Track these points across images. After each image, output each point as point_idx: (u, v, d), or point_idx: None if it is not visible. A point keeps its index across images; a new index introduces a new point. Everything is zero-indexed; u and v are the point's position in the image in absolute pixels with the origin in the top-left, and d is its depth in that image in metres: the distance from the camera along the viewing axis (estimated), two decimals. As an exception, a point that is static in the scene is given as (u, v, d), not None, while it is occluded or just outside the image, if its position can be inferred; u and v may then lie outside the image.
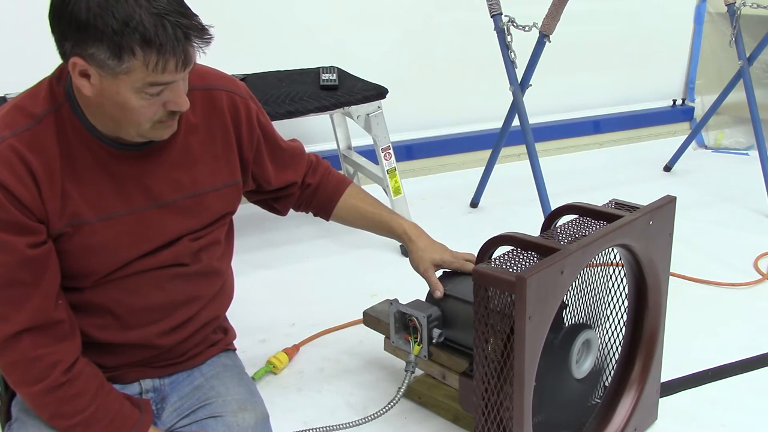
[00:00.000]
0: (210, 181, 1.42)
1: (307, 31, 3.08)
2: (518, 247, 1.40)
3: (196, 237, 1.43)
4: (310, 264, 2.53)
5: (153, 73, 1.17)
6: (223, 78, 1.46)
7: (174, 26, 1.15)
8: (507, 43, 2.54)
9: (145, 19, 1.13)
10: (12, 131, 1.23)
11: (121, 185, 1.32)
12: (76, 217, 1.29)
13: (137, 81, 1.17)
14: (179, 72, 1.19)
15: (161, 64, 1.16)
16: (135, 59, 1.14)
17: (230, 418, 1.42)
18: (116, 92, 1.19)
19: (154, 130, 1.27)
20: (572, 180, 3.33)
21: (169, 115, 1.26)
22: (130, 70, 1.16)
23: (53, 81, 1.29)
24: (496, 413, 1.37)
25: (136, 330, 1.41)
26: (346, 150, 2.94)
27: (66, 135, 1.27)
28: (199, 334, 1.52)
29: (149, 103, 1.21)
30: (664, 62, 3.98)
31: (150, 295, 1.40)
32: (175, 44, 1.15)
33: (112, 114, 1.23)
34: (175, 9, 1.16)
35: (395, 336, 1.73)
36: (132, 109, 1.21)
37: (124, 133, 1.27)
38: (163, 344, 1.45)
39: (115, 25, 1.12)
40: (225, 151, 1.45)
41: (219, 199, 1.45)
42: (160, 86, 1.20)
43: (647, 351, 1.65)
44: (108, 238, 1.32)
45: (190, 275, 1.44)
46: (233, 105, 1.45)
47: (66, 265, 1.31)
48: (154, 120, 1.24)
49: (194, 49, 1.20)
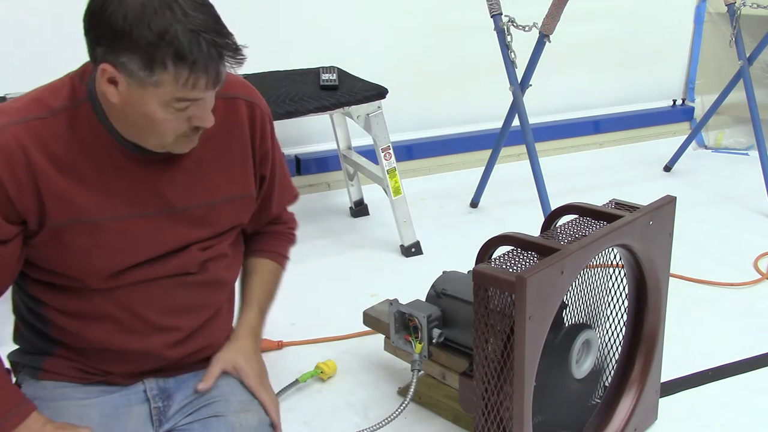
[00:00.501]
0: (224, 191, 1.41)
1: (307, 31, 3.08)
2: (518, 247, 1.40)
3: (204, 247, 1.42)
4: (310, 264, 2.53)
5: (183, 89, 1.17)
6: (245, 87, 1.45)
7: (209, 44, 1.15)
8: (507, 43, 2.55)
9: (181, 34, 1.13)
10: (21, 118, 1.23)
11: (133, 188, 1.32)
12: (80, 214, 1.28)
13: (165, 95, 1.17)
14: (209, 90, 1.19)
15: (192, 81, 1.16)
16: (166, 73, 1.15)
17: (233, 418, 1.42)
18: (143, 103, 1.19)
19: (175, 144, 1.27)
20: (572, 180, 3.33)
21: (193, 130, 1.26)
22: (159, 84, 1.16)
23: (75, 79, 1.29)
24: (496, 413, 1.37)
25: (141, 338, 1.40)
26: (346, 150, 2.94)
27: (81, 133, 1.26)
28: (207, 349, 1.50)
29: (175, 117, 1.21)
30: (664, 62, 3.98)
31: (155, 303, 1.39)
32: (208, 62, 1.15)
33: (135, 123, 1.23)
34: (211, 27, 1.16)
35: (395, 336, 1.73)
36: (157, 122, 1.21)
37: (145, 143, 1.27)
38: (170, 356, 1.45)
39: (150, 36, 1.12)
40: (241, 163, 1.44)
41: (231, 210, 1.44)
42: (187, 102, 1.20)
43: (647, 351, 1.66)
44: (113, 239, 1.31)
45: (196, 284, 1.43)
46: (251, 115, 1.44)
47: (67, 262, 1.31)
48: (177, 134, 1.24)
49: (225, 68, 1.20)
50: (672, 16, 3.89)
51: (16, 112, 1.24)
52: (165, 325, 1.41)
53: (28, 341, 1.44)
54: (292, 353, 2.07)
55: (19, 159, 1.22)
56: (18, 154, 1.21)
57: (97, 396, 1.42)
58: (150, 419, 1.43)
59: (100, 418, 1.39)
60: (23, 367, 1.46)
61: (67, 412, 1.38)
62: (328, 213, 3.04)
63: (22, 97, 1.29)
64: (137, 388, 1.46)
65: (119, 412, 1.42)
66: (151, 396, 1.45)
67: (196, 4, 1.16)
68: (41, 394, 1.40)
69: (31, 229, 1.27)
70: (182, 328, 1.44)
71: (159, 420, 1.44)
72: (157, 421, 1.44)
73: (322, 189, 3.21)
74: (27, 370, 1.45)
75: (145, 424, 1.42)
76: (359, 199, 3.03)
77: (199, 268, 1.42)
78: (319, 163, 3.19)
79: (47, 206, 1.25)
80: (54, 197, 1.25)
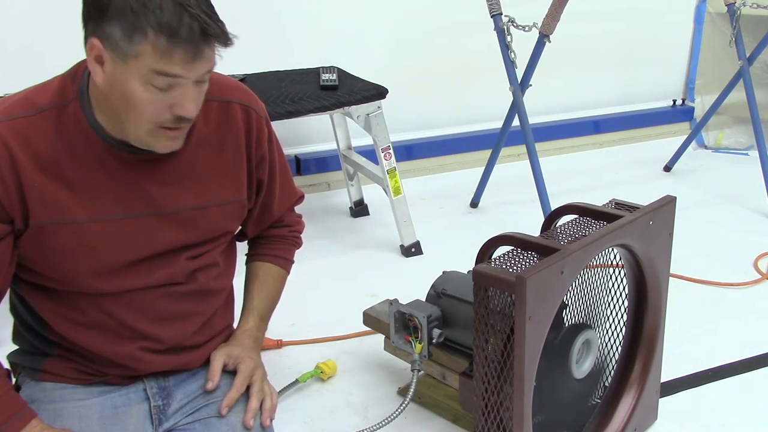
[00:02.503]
0: (215, 195, 1.40)
1: (307, 31, 3.08)
2: (518, 247, 1.40)
3: (192, 255, 1.40)
4: (310, 264, 2.53)
5: (161, 61, 1.15)
6: (243, 92, 1.44)
7: (192, 18, 1.14)
8: (507, 43, 2.55)
9: (165, 5, 1.13)
10: (6, 116, 1.23)
11: (119, 188, 1.31)
12: (63, 214, 1.27)
13: (144, 67, 1.15)
14: (188, 66, 1.17)
15: (170, 52, 1.14)
16: (146, 42, 1.13)
17: (233, 418, 1.42)
18: (125, 81, 1.17)
19: (154, 137, 1.24)
20: (572, 180, 3.33)
21: (174, 120, 1.23)
22: (139, 54, 1.14)
23: (67, 78, 1.29)
24: (496, 413, 1.37)
25: (130, 345, 1.39)
26: (346, 150, 2.94)
27: (68, 131, 1.26)
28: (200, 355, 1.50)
29: (155, 98, 1.18)
30: (664, 62, 3.98)
31: (143, 312, 1.38)
32: (188, 35, 1.14)
33: (117, 109, 1.21)
34: (200, 6, 1.15)
35: (395, 336, 1.73)
36: (136, 102, 1.18)
37: (126, 133, 1.25)
38: (159, 363, 1.44)
39: (134, 5, 1.12)
40: (234, 167, 1.42)
41: (221, 215, 1.43)
42: (167, 78, 1.17)
43: (647, 351, 1.65)
44: (97, 240, 1.30)
45: (184, 294, 1.42)
46: (247, 119, 1.42)
47: (51, 263, 1.30)
48: (156, 122, 1.22)
49: (212, 50, 1.19)
50: (672, 16, 3.89)
51: (2, 111, 1.24)
52: (153, 334, 1.40)
53: (27, 342, 1.44)
54: (292, 353, 2.07)
55: (3, 157, 1.21)
56: (2, 151, 1.21)
57: (96, 396, 1.42)
58: (150, 418, 1.43)
59: (100, 418, 1.39)
60: (23, 369, 1.46)
61: (67, 413, 1.38)
62: (328, 213, 3.04)
63: (11, 97, 1.29)
64: (137, 387, 1.46)
65: (119, 412, 1.41)
66: (150, 395, 1.45)
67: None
68: (41, 396, 1.40)
69: (17, 228, 1.27)
70: (172, 337, 1.43)
71: (159, 419, 1.44)
72: (157, 420, 1.44)
73: (322, 189, 3.21)
74: (26, 371, 1.45)
75: (144, 423, 1.42)
76: (359, 199, 3.03)
77: (188, 278, 1.41)
78: (319, 163, 3.19)
79: (30, 205, 1.25)
80: (37, 196, 1.25)
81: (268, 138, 1.49)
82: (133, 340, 1.39)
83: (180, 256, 1.39)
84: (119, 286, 1.35)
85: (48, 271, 1.32)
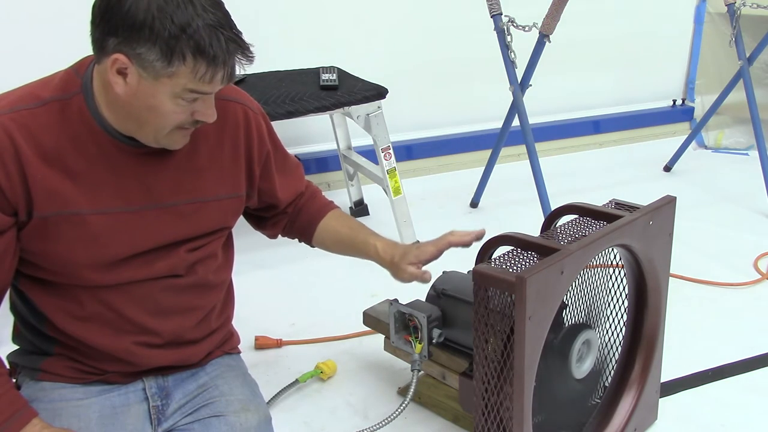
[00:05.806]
0: (213, 190, 1.42)
1: (307, 31, 3.08)
2: (518, 247, 1.40)
3: (192, 248, 1.42)
4: (310, 264, 2.53)
5: (199, 82, 1.20)
6: (237, 91, 1.49)
7: (227, 40, 1.19)
8: (507, 43, 2.55)
9: (202, 28, 1.16)
10: (9, 108, 1.24)
11: (121, 181, 1.32)
12: (66, 206, 1.28)
13: (178, 87, 1.19)
14: (220, 84, 1.23)
15: (209, 75, 1.19)
16: (184, 65, 1.17)
17: (233, 418, 1.42)
18: (152, 95, 1.21)
19: (170, 137, 1.28)
20: (572, 180, 3.33)
21: (192, 123, 1.28)
22: (174, 75, 1.18)
23: (71, 72, 1.29)
24: (496, 413, 1.37)
25: (130, 339, 1.40)
26: (346, 150, 2.94)
27: (71, 124, 1.27)
28: (204, 343, 1.51)
29: (181, 110, 1.23)
30: (664, 62, 3.98)
31: (143, 305, 1.39)
32: (226, 57, 1.19)
33: (138, 116, 1.24)
34: (228, 24, 1.20)
35: (395, 336, 1.73)
36: (162, 114, 1.23)
37: (142, 136, 1.28)
38: (159, 358, 1.44)
39: (172, 29, 1.15)
40: (232, 163, 1.45)
41: (219, 210, 1.44)
42: (198, 95, 1.22)
43: (647, 351, 1.66)
44: (99, 232, 1.31)
45: (184, 287, 1.42)
46: (246, 119, 1.46)
47: (53, 255, 1.30)
48: (177, 125, 1.26)
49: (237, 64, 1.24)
50: (672, 16, 3.89)
51: (6, 104, 1.25)
52: (151, 327, 1.41)
53: (26, 340, 1.44)
54: (292, 353, 2.07)
55: (7, 149, 1.22)
56: (6, 143, 1.22)
57: (95, 396, 1.42)
58: (149, 418, 1.44)
59: (99, 418, 1.39)
60: (22, 369, 1.46)
61: (66, 412, 1.38)
62: (328, 213, 3.03)
63: (15, 91, 1.30)
64: (136, 387, 1.46)
65: (118, 412, 1.42)
66: (150, 395, 1.45)
67: (213, 2, 1.20)
68: (40, 396, 1.40)
69: (21, 220, 1.27)
70: (171, 331, 1.44)
71: (158, 419, 1.44)
72: (156, 420, 1.44)
73: (322, 189, 3.17)
74: (26, 371, 1.45)
75: (143, 423, 1.42)
76: (359, 199, 3.03)
77: (187, 270, 1.42)
78: (319, 163, 3.19)
79: (34, 197, 1.25)
80: (40, 188, 1.25)
81: (269, 133, 1.53)
82: (131, 333, 1.40)
83: (180, 248, 1.40)
84: (119, 278, 1.35)
85: (49, 263, 1.32)
